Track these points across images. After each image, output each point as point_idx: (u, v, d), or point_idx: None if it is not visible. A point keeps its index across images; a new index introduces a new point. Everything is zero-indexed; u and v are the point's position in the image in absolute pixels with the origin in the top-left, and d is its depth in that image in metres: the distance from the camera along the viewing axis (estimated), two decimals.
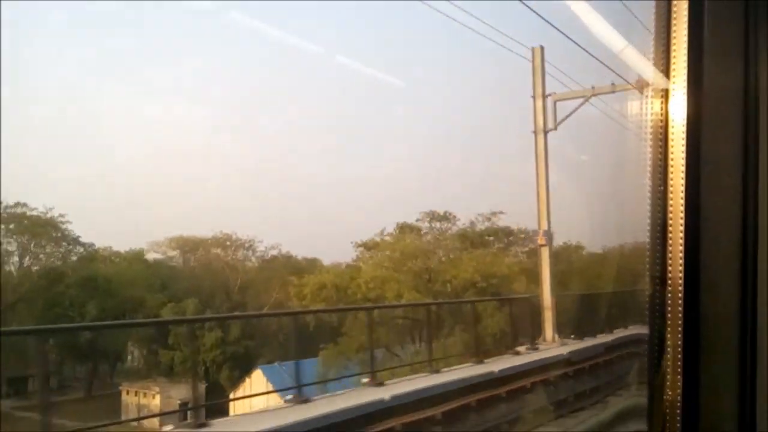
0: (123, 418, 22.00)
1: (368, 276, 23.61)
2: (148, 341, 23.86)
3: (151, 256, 28.05)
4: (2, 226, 22.13)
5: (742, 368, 1.82)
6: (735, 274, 1.83)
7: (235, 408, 10.91)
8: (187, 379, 9.82)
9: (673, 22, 1.88)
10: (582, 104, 16.75)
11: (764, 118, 1.83)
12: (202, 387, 19.39)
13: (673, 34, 1.87)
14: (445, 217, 26.64)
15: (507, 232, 27.47)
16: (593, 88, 16.41)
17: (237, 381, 21.55)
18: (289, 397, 9.34)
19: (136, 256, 27.84)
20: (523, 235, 27.31)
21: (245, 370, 21.37)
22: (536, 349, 13.05)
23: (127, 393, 22.53)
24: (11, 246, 23.20)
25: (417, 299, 22.53)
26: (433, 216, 26.19)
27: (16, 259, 23.88)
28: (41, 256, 24.46)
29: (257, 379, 19.68)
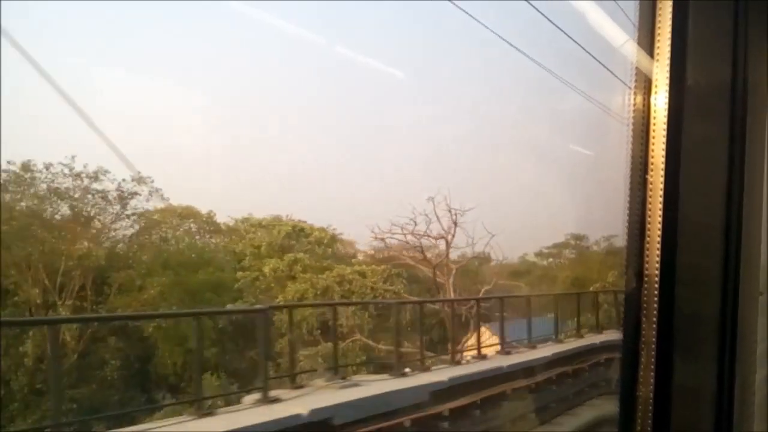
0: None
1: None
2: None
3: None
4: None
5: (720, 366, 1.54)
6: (714, 269, 1.56)
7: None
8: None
9: (658, 15, 1.67)
10: None
11: (751, 114, 1.56)
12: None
13: (658, 28, 1.66)
14: (581, 237, 28.82)
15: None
16: None
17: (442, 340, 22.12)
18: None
19: None
20: None
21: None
22: None
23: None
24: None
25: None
26: (575, 236, 28.78)
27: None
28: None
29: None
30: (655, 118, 1.62)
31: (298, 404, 7.25)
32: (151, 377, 16.72)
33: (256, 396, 7.50)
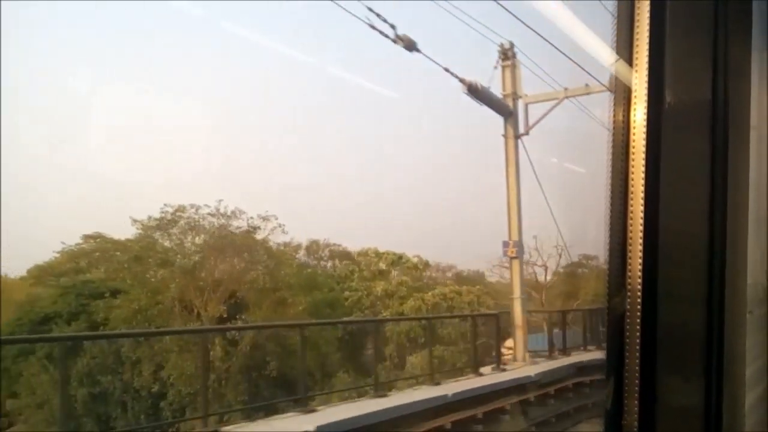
0: None
1: None
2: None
3: None
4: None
5: (708, 390, 1.40)
6: (698, 289, 1.43)
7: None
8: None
9: (636, 24, 1.57)
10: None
11: (733, 126, 1.42)
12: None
13: (636, 38, 1.56)
14: (591, 258, 27.52)
15: None
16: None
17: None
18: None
19: None
20: None
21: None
22: None
23: None
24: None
25: None
26: (586, 257, 28.06)
27: None
28: None
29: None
30: (634, 132, 1.54)
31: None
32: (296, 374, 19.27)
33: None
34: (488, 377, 12.34)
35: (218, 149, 26.38)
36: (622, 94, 1.58)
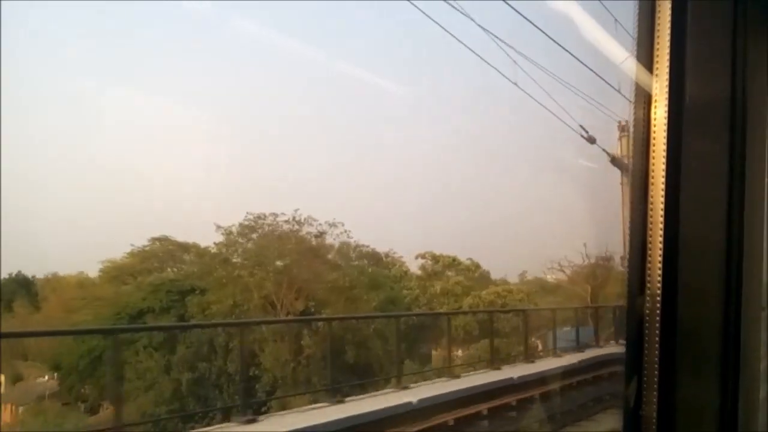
0: None
1: None
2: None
3: None
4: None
5: (724, 385, 1.42)
6: (716, 285, 1.44)
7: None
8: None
9: (657, 26, 1.59)
10: None
11: (751, 126, 1.42)
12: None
13: (657, 40, 1.58)
14: (608, 258, 27.41)
15: None
16: None
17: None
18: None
19: None
20: None
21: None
22: None
23: None
24: None
25: None
26: (602, 258, 27.86)
27: None
28: None
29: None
30: (655, 132, 1.57)
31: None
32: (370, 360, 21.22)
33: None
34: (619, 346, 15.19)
35: (226, 149, 27.60)
36: (643, 93, 1.61)
